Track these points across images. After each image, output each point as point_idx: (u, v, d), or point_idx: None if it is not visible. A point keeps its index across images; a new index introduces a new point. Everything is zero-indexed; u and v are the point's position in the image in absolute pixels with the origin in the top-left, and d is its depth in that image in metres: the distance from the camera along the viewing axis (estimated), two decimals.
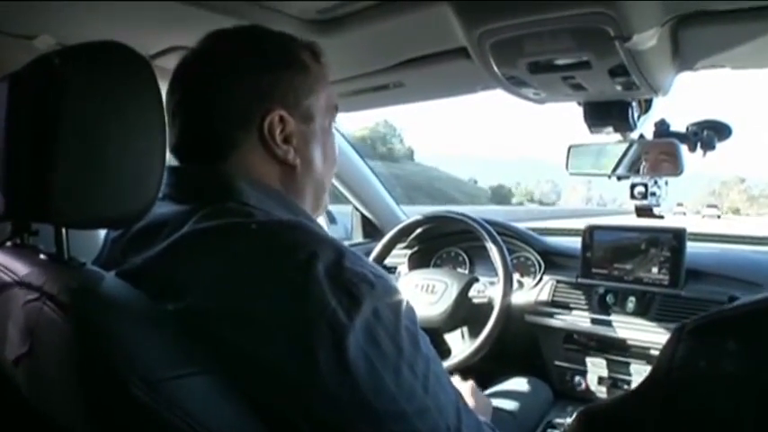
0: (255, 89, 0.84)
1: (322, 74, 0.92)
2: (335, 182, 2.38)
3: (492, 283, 1.85)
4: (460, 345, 1.88)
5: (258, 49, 0.87)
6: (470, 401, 1.25)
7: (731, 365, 0.51)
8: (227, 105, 0.84)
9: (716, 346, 0.53)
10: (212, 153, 0.85)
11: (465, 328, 1.90)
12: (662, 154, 1.62)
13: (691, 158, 1.59)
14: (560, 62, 1.16)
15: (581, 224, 1.94)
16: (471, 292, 1.86)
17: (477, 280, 1.90)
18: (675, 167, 1.59)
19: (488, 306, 1.78)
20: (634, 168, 1.67)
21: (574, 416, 0.64)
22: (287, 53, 0.88)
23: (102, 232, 0.95)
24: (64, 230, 0.73)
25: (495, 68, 1.23)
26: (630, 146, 1.66)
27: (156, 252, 0.75)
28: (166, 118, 0.75)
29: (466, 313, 1.86)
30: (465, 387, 1.31)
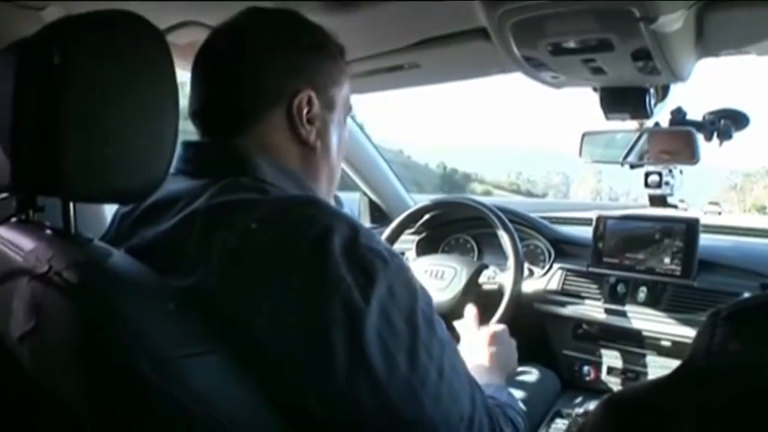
0: (290, 66, 0.85)
1: (345, 70, 0.93)
2: (344, 166, 2.37)
3: (502, 270, 1.83)
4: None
5: (295, 29, 0.87)
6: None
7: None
8: (260, 78, 0.84)
9: (754, 332, 0.52)
10: (234, 124, 0.84)
11: None
12: (667, 144, 1.60)
13: (707, 148, 1.58)
14: (582, 44, 1.14)
15: (592, 214, 1.93)
16: (481, 279, 1.84)
17: (486, 267, 1.87)
18: (690, 157, 1.57)
19: (498, 293, 1.77)
20: (645, 157, 1.66)
21: (596, 404, 0.62)
22: (321, 41, 0.89)
23: (109, 209, 0.94)
24: (72, 205, 0.71)
25: (515, 50, 1.20)
26: (642, 134, 1.65)
27: (168, 227, 0.74)
28: (188, 87, 0.74)
29: (475, 300, 1.83)
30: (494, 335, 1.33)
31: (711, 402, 0.51)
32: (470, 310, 1.46)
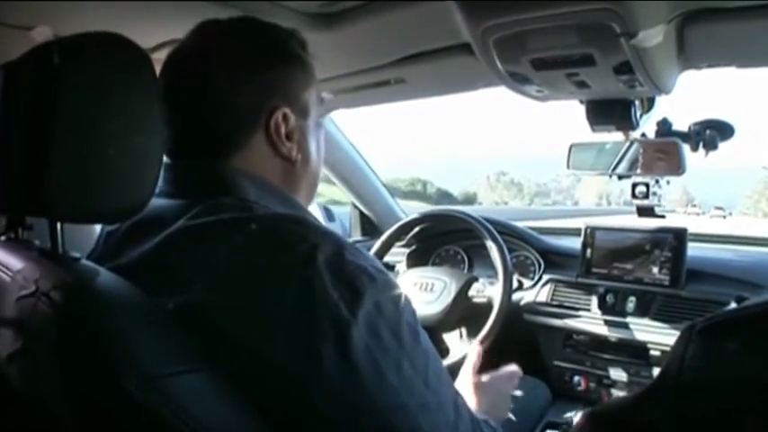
0: (262, 85, 0.83)
1: (312, 69, 0.91)
2: (335, 179, 2.37)
3: (492, 283, 1.84)
4: (458, 344, 1.87)
5: (259, 46, 0.85)
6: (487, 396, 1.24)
7: (743, 367, 0.50)
8: (235, 104, 0.82)
9: (727, 346, 0.52)
10: (215, 152, 0.83)
11: (463, 328, 1.88)
12: (657, 152, 1.61)
13: (693, 158, 1.59)
14: (564, 59, 1.15)
15: (581, 224, 1.94)
16: (471, 292, 1.84)
17: (476, 279, 1.88)
18: (675, 167, 1.59)
19: (488, 306, 1.77)
20: (634, 168, 1.67)
21: (579, 416, 0.62)
22: (285, 48, 0.87)
23: (97, 227, 0.94)
24: (59, 225, 0.71)
25: (499, 65, 1.21)
26: (631, 145, 1.66)
27: (151, 246, 0.74)
28: None
29: (465, 313, 1.84)
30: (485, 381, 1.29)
31: (686, 417, 0.51)
32: (474, 353, 1.36)
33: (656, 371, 1.69)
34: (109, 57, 0.69)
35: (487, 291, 1.82)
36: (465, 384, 1.25)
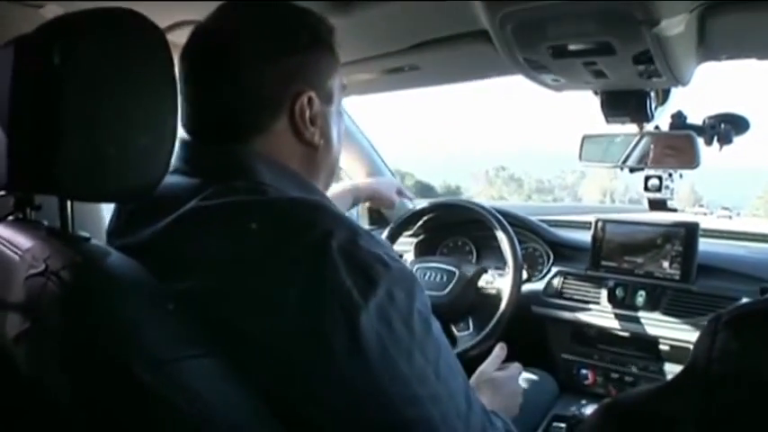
0: (285, 72, 0.82)
1: (338, 55, 0.90)
2: (343, 166, 2.36)
3: (501, 275, 1.82)
4: (466, 335, 1.86)
5: (285, 29, 0.84)
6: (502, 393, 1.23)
7: None
8: (260, 88, 0.81)
9: (755, 337, 0.51)
10: (236, 136, 0.82)
11: (471, 319, 1.87)
12: (667, 148, 1.60)
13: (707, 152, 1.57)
14: (583, 47, 1.13)
15: (591, 217, 1.92)
16: (480, 283, 1.83)
17: (485, 270, 1.87)
18: (689, 160, 1.57)
19: (496, 297, 1.76)
20: (644, 160, 1.65)
21: (591, 409, 0.61)
22: (313, 32, 0.86)
23: (107, 207, 0.93)
24: (69, 203, 0.70)
25: (516, 52, 1.19)
26: (642, 137, 1.64)
27: (162, 227, 0.74)
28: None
29: (473, 303, 1.83)
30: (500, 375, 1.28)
31: (712, 409, 0.50)
32: (499, 353, 1.33)
33: (665, 365, 1.67)
34: (121, 32, 0.68)
35: (497, 282, 1.81)
36: (481, 381, 1.24)
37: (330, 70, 0.87)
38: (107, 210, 0.93)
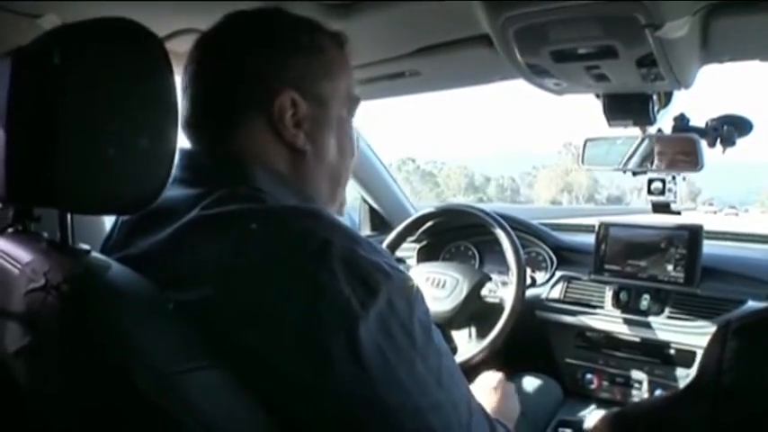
0: (264, 69, 0.83)
1: (343, 61, 0.90)
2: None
3: (504, 284, 1.81)
4: (467, 343, 1.85)
5: (271, 30, 0.85)
6: (497, 400, 1.21)
7: None
8: (236, 82, 0.82)
9: (765, 349, 0.51)
10: (217, 132, 0.83)
11: (473, 327, 1.86)
12: (679, 154, 1.59)
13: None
14: (586, 51, 1.13)
15: (593, 220, 1.92)
16: (483, 291, 1.81)
17: (489, 279, 1.85)
18: (694, 164, 1.57)
19: (499, 306, 1.74)
20: (645, 163, 1.64)
21: (596, 417, 0.61)
22: (303, 36, 0.86)
23: (108, 218, 0.92)
24: (69, 216, 0.69)
25: (518, 57, 1.19)
26: (643, 140, 1.64)
27: (163, 237, 0.73)
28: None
29: (475, 311, 1.82)
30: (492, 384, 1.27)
31: (721, 422, 0.49)
32: (497, 376, 1.31)
33: (671, 369, 1.67)
34: (120, 42, 0.67)
35: (500, 291, 1.79)
36: (482, 390, 1.23)
37: (322, 73, 0.86)
38: (108, 221, 0.92)
